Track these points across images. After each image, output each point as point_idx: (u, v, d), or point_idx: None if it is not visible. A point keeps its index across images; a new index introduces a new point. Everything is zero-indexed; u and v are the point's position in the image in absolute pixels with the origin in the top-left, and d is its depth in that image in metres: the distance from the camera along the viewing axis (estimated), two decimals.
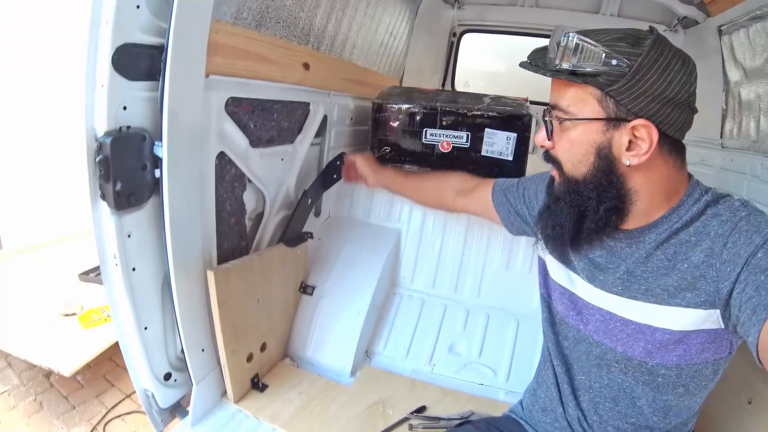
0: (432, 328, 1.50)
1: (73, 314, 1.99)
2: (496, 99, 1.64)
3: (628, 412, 0.81)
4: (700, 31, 1.88)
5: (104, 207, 0.88)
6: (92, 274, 2.41)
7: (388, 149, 1.68)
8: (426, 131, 1.61)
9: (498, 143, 1.55)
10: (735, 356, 0.76)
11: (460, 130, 1.57)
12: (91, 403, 1.82)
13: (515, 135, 1.53)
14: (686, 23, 1.97)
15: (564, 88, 0.72)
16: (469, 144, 1.58)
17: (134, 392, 1.85)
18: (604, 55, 0.65)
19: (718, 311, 0.66)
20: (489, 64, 2.99)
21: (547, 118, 0.76)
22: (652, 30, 0.68)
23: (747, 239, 0.63)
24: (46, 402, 1.80)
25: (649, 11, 2.02)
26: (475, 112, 1.55)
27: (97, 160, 0.83)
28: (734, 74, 1.69)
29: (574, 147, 0.73)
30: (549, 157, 0.80)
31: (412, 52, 2.37)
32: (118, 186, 0.85)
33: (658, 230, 0.73)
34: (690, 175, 0.76)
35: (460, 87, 2.70)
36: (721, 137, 1.80)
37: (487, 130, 1.55)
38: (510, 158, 1.56)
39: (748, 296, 0.59)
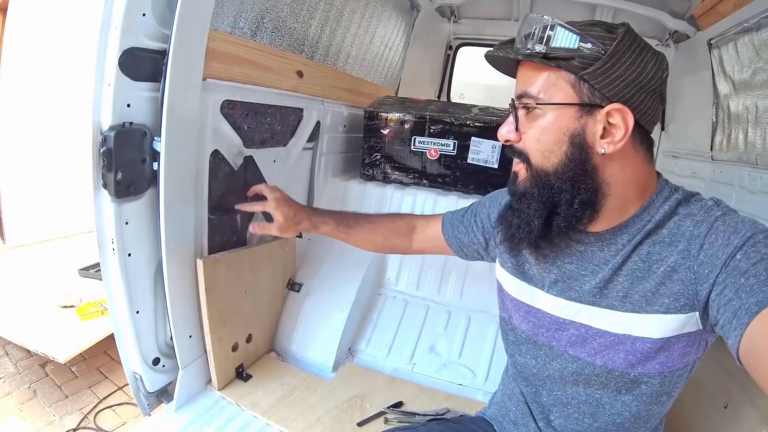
0: (414, 328, 1.55)
1: (72, 306, 2.06)
2: (485, 109, 1.72)
3: (608, 428, 0.77)
4: (691, 45, 1.95)
5: (105, 195, 0.95)
6: (92, 270, 2.48)
7: (378, 156, 1.76)
8: (415, 139, 1.69)
9: (484, 151, 1.62)
10: (711, 362, 0.76)
11: (448, 138, 1.65)
12: (84, 393, 1.86)
13: (500, 144, 1.59)
14: (677, 38, 2.04)
15: (534, 74, 0.68)
16: (455, 152, 1.65)
17: (126, 384, 1.91)
18: (578, 38, 0.63)
19: (697, 314, 0.64)
20: (486, 78, 3.05)
21: (515, 105, 0.72)
22: (624, 23, 0.66)
23: (724, 240, 0.61)
24: (40, 390, 1.85)
25: (641, 26, 2.04)
26: (462, 121, 1.63)
27: (101, 151, 0.90)
28: (724, 87, 1.75)
29: (545, 135, 0.68)
30: (514, 150, 0.74)
31: (409, 64, 2.45)
32: (119, 176, 0.93)
33: (631, 231, 0.70)
34: (659, 174, 0.74)
35: (455, 99, 2.78)
36: (711, 150, 1.84)
37: (473, 138, 1.62)
38: (495, 166, 1.63)
39: (728, 299, 0.57)
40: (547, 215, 0.71)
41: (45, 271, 2.50)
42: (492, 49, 0.73)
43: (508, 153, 0.76)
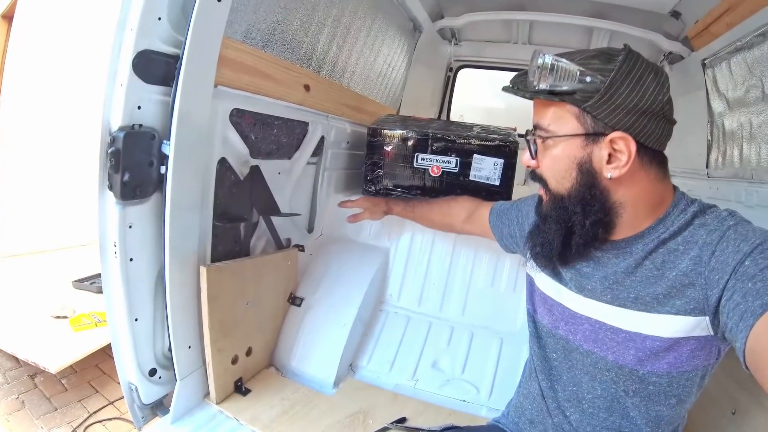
0: (416, 345, 1.53)
1: (65, 317, 2.03)
2: (486, 128, 1.73)
3: (621, 423, 0.80)
4: (686, 66, 2.00)
5: (110, 197, 0.94)
6: (86, 282, 2.44)
7: (380, 172, 1.76)
8: (417, 156, 1.69)
9: (486, 168, 1.63)
10: (718, 369, 0.76)
11: (450, 156, 1.66)
12: (74, 406, 1.81)
13: (502, 161, 1.61)
14: (672, 59, 2.09)
15: (544, 107, 0.74)
16: (458, 169, 1.65)
17: (117, 399, 1.87)
18: (578, 72, 0.68)
19: (707, 318, 0.67)
20: (486, 101, 3.11)
21: (530, 138, 0.79)
22: (625, 47, 0.70)
23: (735, 248, 0.63)
24: (28, 401, 1.80)
25: (637, 48, 2.07)
26: (465, 139, 1.64)
27: (109, 151, 0.90)
28: (718, 105, 1.79)
29: (557, 163, 0.75)
30: (535, 175, 0.81)
31: (410, 84, 2.48)
32: (126, 177, 0.92)
33: (645, 240, 0.74)
34: (675, 187, 0.78)
35: (455, 119, 2.81)
36: (707, 167, 1.87)
37: (475, 155, 1.63)
38: (497, 183, 1.63)
39: (736, 303, 0.60)
40: (565, 234, 0.77)
41: (38, 281, 2.46)
42: (509, 84, 0.80)
43: (531, 177, 0.83)
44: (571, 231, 0.76)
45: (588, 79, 0.67)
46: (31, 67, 2.90)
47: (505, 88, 0.80)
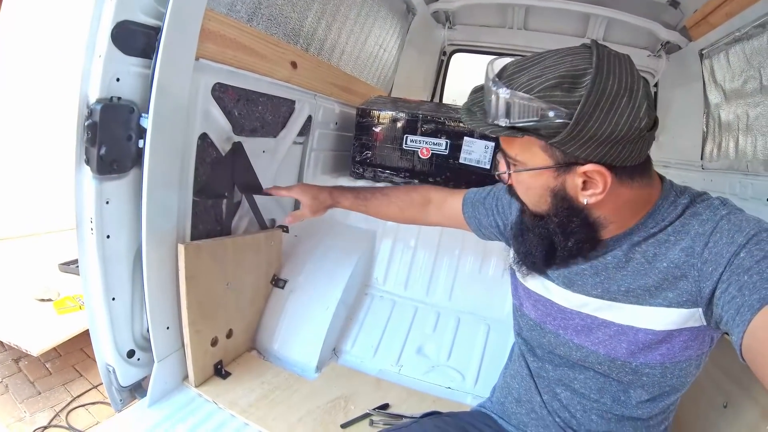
0: (401, 330, 1.51)
1: (49, 300, 1.99)
2: None
3: (613, 405, 0.79)
4: (683, 56, 1.98)
5: (87, 171, 0.91)
6: (73, 265, 2.39)
7: (369, 153, 1.73)
8: (407, 137, 1.67)
9: (476, 152, 1.61)
10: (709, 362, 0.76)
11: (440, 138, 1.63)
12: (57, 390, 1.79)
13: (493, 144, 1.59)
14: (669, 48, 2.06)
15: (509, 138, 0.68)
16: (447, 151, 1.63)
17: (101, 383, 1.84)
18: (540, 108, 0.60)
19: (700, 309, 0.65)
20: None
21: (498, 172, 0.75)
22: (593, 56, 0.60)
23: (729, 239, 0.62)
24: (12, 385, 1.77)
25: (634, 37, 2.11)
26: (455, 121, 1.61)
27: (86, 124, 0.87)
28: (714, 96, 1.78)
29: (530, 191, 0.72)
30: (512, 192, 0.77)
31: (402, 67, 2.44)
32: (103, 151, 0.89)
33: (634, 236, 0.72)
34: (662, 178, 0.74)
35: None
36: (701, 159, 1.87)
37: (465, 138, 1.61)
38: (487, 167, 1.61)
39: (731, 296, 0.58)
40: (548, 249, 0.76)
41: (25, 264, 2.41)
42: (467, 104, 0.72)
43: (508, 192, 0.80)
44: (554, 246, 0.74)
45: (551, 114, 0.59)
46: (23, 48, 2.82)
47: (463, 115, 0.72)
